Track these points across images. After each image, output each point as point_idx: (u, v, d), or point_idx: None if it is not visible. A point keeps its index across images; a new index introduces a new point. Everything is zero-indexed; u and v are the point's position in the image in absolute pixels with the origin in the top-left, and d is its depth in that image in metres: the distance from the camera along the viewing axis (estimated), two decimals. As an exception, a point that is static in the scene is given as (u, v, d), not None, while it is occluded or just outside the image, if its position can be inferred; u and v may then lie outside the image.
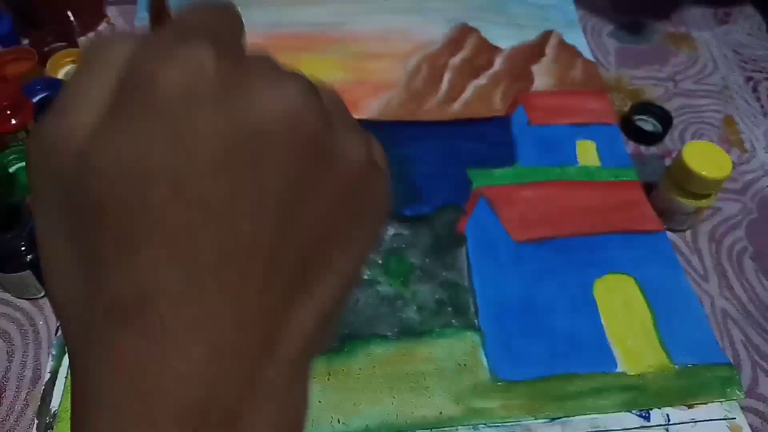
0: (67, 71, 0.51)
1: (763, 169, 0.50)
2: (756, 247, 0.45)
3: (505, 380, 0.36)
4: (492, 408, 0.35)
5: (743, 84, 0.57)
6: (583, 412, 0.35)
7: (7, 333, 0.37)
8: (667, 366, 0.38)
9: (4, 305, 0.38)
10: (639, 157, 0.50)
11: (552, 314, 0.39)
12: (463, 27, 0.57)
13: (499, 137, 0.49)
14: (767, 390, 0.38)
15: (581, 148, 0.49)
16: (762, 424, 0.37)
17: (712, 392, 0.37)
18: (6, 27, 0.50)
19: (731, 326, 0.41)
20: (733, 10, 0.64)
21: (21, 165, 0.44)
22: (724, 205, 0.47)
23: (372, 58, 0.54)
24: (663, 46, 0.59)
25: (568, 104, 0.51)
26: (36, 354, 0.36)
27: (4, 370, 0.35)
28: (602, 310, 0.40)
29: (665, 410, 0.36)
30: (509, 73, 0.54)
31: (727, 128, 0.53)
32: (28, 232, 0.36)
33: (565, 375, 0.37)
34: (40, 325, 0.37)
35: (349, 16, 0.57)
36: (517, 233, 0.43)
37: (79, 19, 0.54)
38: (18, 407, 0.34)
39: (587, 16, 0.61)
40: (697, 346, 0.39)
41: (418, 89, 0.52)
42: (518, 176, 0.46)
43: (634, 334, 0.39)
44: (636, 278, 0.41)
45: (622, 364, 0.37)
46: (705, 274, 0.43)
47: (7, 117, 0.43)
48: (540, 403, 0.35)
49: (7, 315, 0.37)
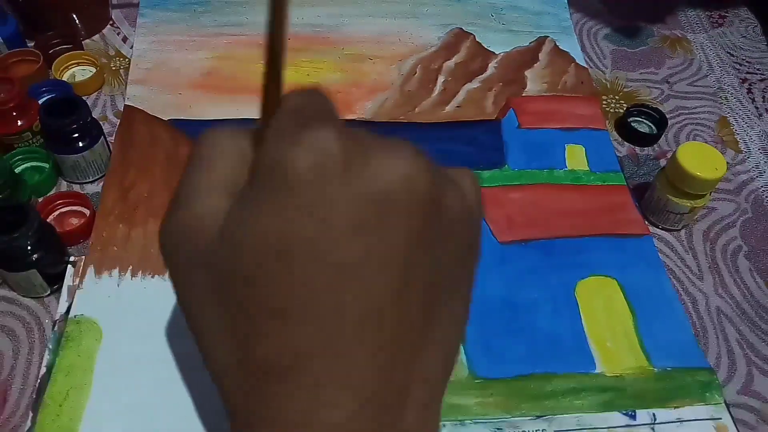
0: (71, 73, 0.52)
1: (757, 169, 0.51)
2: (750, 247, 0.45)
3: (483, 378, 0.37)
4: (468, 405, 0.36)
5: (738, 86, 0.57)
6: (560, 411, 0.36)
7: (13, 331, 0.37)
8: (647, 368, 0.38)
9: (10, 304, 0.39)
10: (634, 158, 0.50)
11: (533, 314, 0.40)
12: (458, 32, 0.58)
13: (489, 140, 0.50)
14: (762, 388, 0.39)
15: (570, 152, 0.49)
16: (757, 421, 0.37)
17: (691, 396, 0.37)
18: (11, 29, 0.51)
19: (726, 324, 0.41)
20: (728, 13, 0.64)
21: (26, 166, 0.45)
22: (718, 205, 0.48)
23: (367, 60, 0.55)
24: (658, 48, 0.59)
25: (559, 109, 0.52)
26: (41, 352, 0.37)
27: (10, 368, 0.36)
28: (583, 311, 0.41)
29: (652, 409, 0.37)
30: (502, 78, 0.54)
31: (722, 129, 0.53)
32: (34, 231, 0.36)
33: (544, 374, 0.38)
34: (46, 324, 0.38)
35: (345, 19, 0.57)
36: (502, 234, 0.44)
37: (83, 22, 0.54)
38: (24, 404, 0.35)
39: (583, 19, 0.61)
40: (678, 349, 0.39)
41: (411, 92, 0.53)
42: (506, 179, 0.47)
43: (614, 335, 0.40)
44: (619, 281, 0.42)
45: (600, 365, 0.38)
46: (700, 273, 0.44)
47: (13, 118, 0.44)
48: (517, 402, 0.36)
49: (13, 313, 0.38)
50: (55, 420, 0.34)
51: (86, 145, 0.43)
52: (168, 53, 0.53)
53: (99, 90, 0.51)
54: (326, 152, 0.15)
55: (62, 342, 0.36)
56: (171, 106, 0.49)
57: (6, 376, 0.36)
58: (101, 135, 0.45)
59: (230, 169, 0.16)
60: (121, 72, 0.53)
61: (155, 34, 0.55)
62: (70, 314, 0.38)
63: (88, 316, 0.38)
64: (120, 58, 0.54)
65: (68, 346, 0.36)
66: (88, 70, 0.52)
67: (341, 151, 0.15)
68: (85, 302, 0.38)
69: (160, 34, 0.55)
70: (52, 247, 0.39)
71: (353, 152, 0.15)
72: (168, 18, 0.56)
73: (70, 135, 0.43)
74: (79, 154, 0.43)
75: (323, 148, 0.15)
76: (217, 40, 0.55)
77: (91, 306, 0.38)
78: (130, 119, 0.48)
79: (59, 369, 0.35)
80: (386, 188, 0.15)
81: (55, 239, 0.39)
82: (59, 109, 0.42)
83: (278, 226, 0.15)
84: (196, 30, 0.55)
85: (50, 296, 0.39)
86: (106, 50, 0.54)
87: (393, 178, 0.15)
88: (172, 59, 0.53)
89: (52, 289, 0.39)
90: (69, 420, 0.34)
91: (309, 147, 0.15)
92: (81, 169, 0.44)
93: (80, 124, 0.43)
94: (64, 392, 0.35)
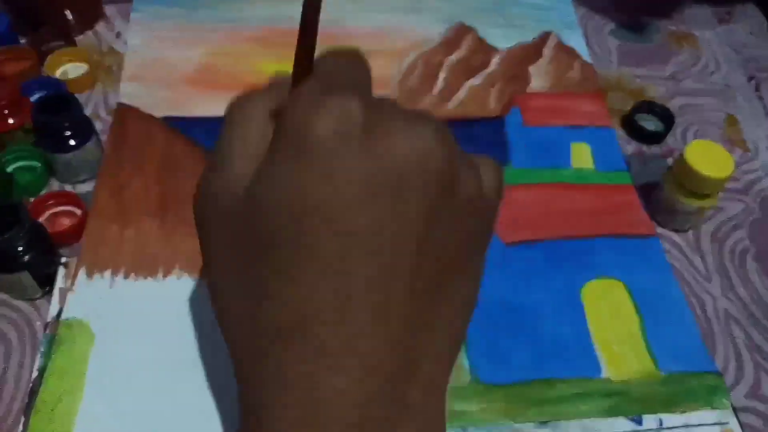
0: (64, 70, 0.51)
1: (765, 169, 0.50)
2: (758, 248, 0.45)
3: (486, 383, 0.36)
4: (471, 411, 0.35)
5: (745, 83, 0.56)
6: (564, 417, 0.36)
7: (4, 334, 0.37)
8: (653, 373, 0.38)
9: (1, 306, 0.38)
10: (640, 157, 0.49)
11: (538, 318, 0.39)
12: (460, 27, 0.57)
13: (492, 138, 0.49)
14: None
15: (575, 150, 0.48)
16: (764, 425, 0.36)
17: (698, 400, 0.37)
18: (4, 26, 0.50)
19: (733, 327, 0.41)
20: (735, 9, 0.63)
21: (18, 165, 0.44)
22: (726, 205, 0.47)
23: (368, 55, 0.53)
24: (665, 44, 0.59)
25: (564, 106, 0.51)
26: (33, 355, 0.36)
27: (2, 372, 0.35)
28: (589, 314, 0.40)
29: (658, 415, 0.36)
30: (505, 74, 0.53)
31: (730, 128, 0.52)
32: (25, 232, 0.36)
33: (547, 379, 0.37)
34: (38, 326, 0.37)
35: (346, 13, 0.56)
36: (506, 235, 0.43)
37: (76, 18, 0.54)
38: (16, 408, 0.34)
39: (589, 15, 0.60)
40: (685, 353, 0.39)
41: (412, 88, 0.52)
42: (510, 178, 0.46)
43: (620, 339, 0.39)
44: (625, 283, 0.41)
45: (606, 370, 0.37)
46: (707, 275, 0.43)
47: (5, 116, 0.44)
48: (520, 408, 0.36)
49: (4, 316, 0.38)
50: (47, 424, 0.33)
51: (78, 144, 0.42)
52: (162, 49, 0.52)
53: (92, 87, 0.50)
54: (349, 119, 0.15)
55: (54, 345, 0.36)
56: (165, 102, 0.49)
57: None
58: (94, 133, 0.44)
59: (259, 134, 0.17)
60: (114, 68, 0.52)
61: (149, 29, 0.54)
62: (62, 317, 0.37)
63: (80, 318, 0.37)
64: (113, 54, 0.53)
65: (60, 350, 0.36)
66: (81, 67, 0.51)
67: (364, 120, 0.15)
68: (77, 304, 0.37)
69: (154, 30, 0.54)
70: (44, 248, 0.38)
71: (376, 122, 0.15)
72: (162, 13, 0.55)
73: (63, 133, 0.42)
74: (72, 153, 0.42)
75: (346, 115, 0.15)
76: (213, 36, 0.54)
77: (83, 308, 0.37)
78: (124, 117, 0.47)
79: (51, 372, 0.35)
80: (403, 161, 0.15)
81: (46, 240, 0.38)
82: (52, 106, 0.42)
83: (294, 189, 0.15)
84: (190, 25, 0.54)
85: (42, 298, 0.38)
86: (99, 46, 0.53)
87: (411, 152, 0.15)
88: (167, 55, 0.52)
89: (44, 291, 0.38)
90: (62, 424, 0.33)
91: (331, 112, 0.15)
92: (73, 168, 0.43)
93: (73, 122, 0.42)
94: (57, 396, 0.34)
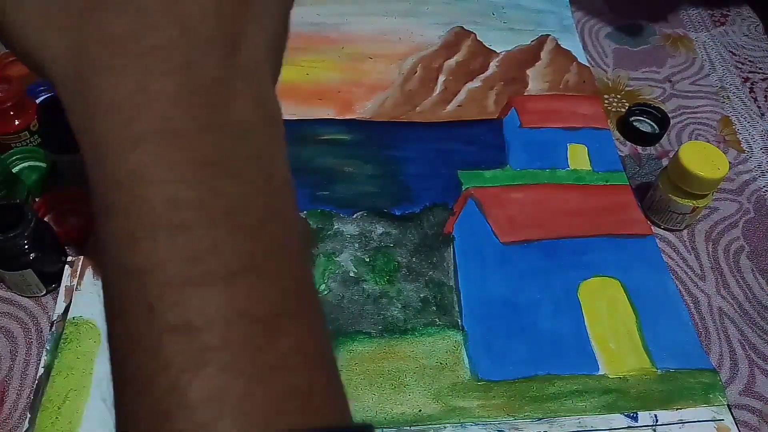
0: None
1: (759, 169, 0.50)
2: (752, 247, 0.45)
3: (485, 380, 0.37)
4: (471, 407, 0.36)
5: (740, 85, 0.57)
6: (562, 413, 0.36)
7: (10, 331, 0.37)
8: (650, 370, 0.38)
9: (6, 304, 0.38)
10: (636, 158, 0.50)
11: (536, 316, 0.40)
12: (459, 30, 0.57)
13: (490, 139, 0.49)
14: (764, 389, 0.38)
15: (572, 151, 0.49)
16: (759, 422, 0.37)
17: (694, 397, 0.37)
18: (10, 28, 0.51)
19: (728, 325, 0.41)
20: (730, 12, 0.64)
21: (24, 165, 0.45)
22: (720, 205, 0.48)
23: (367, 59, 0.54)
24: (660, 47, 0.59)
25: (561, 108, 0.52)
26: (39, 352, 0.36)
27: (8, 369, 0.36)
28: (586, 312, 0.40)
29: (654, 411, 0.37)
30: (503, 77, 0.54)
31: (724, 129, 0.53)
32: (31, 230, 0.36)
33: (546, 376, 0.37)
34: (43, 324, 0.38)
35: (346, 17, 0.57)
36: (504, 235, 0.44)
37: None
38: (21, 405, 0.35)
39: (585, 18, 0.61)
40: (681, 350, 0.39)
41: (412, 91, 0.52)
42: (508, 178, 0.47)
43: (617, 337, 0.39)
44: (622, 281, 0.42)
45: (603, 367, 0.38)
46: (702, 273, 0.44)
47: (11, 118, 0.44)
48: (519, 404, 0.36)
49: (9, 314, 0.38)
50: (54, 423, 0.33)
51: (84, 144, 0.43)
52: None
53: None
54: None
55: (60, 344, 0.36)
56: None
57: (3, 376, 0.36)
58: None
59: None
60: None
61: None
62: (69, 315, 0.37)
63: (87, 317, 0.37)
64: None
65: (67, 348, 0.36)
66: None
67: None
68: (84, 303, 0.38)
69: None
70: (49, 246, 0.39)
71: None
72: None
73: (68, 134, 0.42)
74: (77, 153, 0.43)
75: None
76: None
77: (89, 307, 0.38)
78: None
79: (58, 371, 0.35)
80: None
81: (52, 239, 0.39)
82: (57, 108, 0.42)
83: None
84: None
85: (47, 296, 0.39)
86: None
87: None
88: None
89: (49, 288, 0.39)
90: (68, 423, 0.33)
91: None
92: (78, 168, 0.44)
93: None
94: (63, 395, 0.34)
